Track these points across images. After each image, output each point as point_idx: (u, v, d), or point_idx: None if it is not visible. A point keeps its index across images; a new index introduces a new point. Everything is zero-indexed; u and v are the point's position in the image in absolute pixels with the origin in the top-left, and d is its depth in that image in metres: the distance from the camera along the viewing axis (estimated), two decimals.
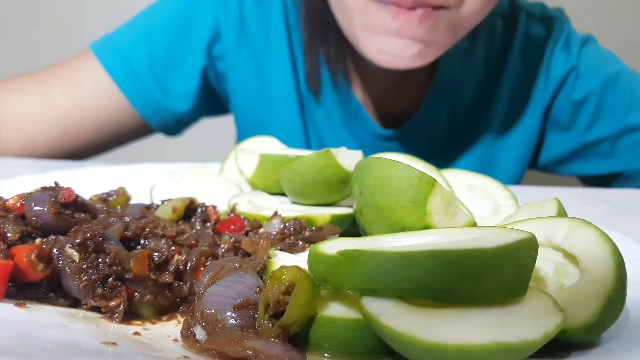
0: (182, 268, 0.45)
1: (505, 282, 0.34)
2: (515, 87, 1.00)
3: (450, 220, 0.44)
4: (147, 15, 1.03)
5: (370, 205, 0.45)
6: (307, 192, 0.56)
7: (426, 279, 0.34)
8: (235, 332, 0.36)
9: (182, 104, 1.02)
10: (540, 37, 1.00)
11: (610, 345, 0.37)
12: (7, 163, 0.84)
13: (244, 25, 1.00)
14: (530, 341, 0.31)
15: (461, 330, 0.32)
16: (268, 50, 1.01)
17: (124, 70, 0.98)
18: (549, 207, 0.49)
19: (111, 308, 0.41)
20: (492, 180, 0.62)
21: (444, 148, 1.02)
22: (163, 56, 0.99)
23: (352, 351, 0.37)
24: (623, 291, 0.37)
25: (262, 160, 0.61)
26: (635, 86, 0.98)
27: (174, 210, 0.54)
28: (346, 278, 0.36)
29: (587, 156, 1.02)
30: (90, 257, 0.41)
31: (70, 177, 0.67)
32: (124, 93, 0.98)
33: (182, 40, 1.00)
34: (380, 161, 0.45)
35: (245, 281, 0.40)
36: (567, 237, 0.41)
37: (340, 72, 0.96)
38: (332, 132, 1.02)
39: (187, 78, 1.01)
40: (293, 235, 0.49)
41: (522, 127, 1.01)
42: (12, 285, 0.40)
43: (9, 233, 0.43)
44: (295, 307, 0.36)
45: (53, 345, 0.33)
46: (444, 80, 0.99)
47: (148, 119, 1.01)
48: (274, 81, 1.01)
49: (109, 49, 0.99)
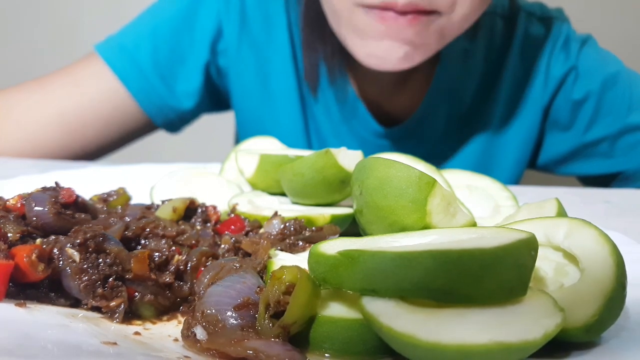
0: (182, 268, 0.45)
1: (505, 281, 0.34)
2: (514, 86, 1.00)
3: (450, 220, 0.44)
4: (150, 13, 1.03)
5: (370, 205, 0.45)
6: (307, 192, 0.56)
7: (426, 278, 0.34)
8: (235, 332, 0.36)
9: (186, 100, 1.02)
10: (539, 36, 1.00)
11: (609, 345, 0.37)
12: (7, 163, 0.84)
13: (245, 20, 1.00)
14: (530, 341, 0.31)
15: (461, 329, 0.32)
16: (269, 45, 1.01)
17: (129, 68, 0.98)
18: (548, 206, 0.49)
19: (111, 308, 0.41)
20: (492, 180, 0.62)
21: (443, 146, 1.02)
22: (167, 54, 1.00)
23: (352, 351, 0.37)
24: (623, 291, 0.37)
25: (262, 160, 0.61)
26: (634, 86, 0.98)
27: (174, 210, 0.54)
28: (346, 278, 0.36)
29: (586, 156, 1.02)
30: (90, 257, 0.41)
31: (70, 177, 0.67)
32: (130, 91, 0.99)
33: (185, 37, 1.00)
34: (380, 161, 0.45)
35: (246, 281, 0.40)
36: (567, 237, 0.41)
37: (337, 68, 0.96)
38: (331, 128, 1.02)
39: (191, 75, 1.01)
40: (293, 235, 0.49)
41: (521, 127, 1.01)
42: (12, 285, 0.40)
43: (9, 233, 0.43)
44: (295, 306, 0.36)
45: (53, 345, 0.33)
46: (443, 79, 0.99)
47: (152, 116, 1.02)
48: (275, 77, 1.01)
49: (114, 49, 0.99)
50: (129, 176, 0.71)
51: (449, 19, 0.77)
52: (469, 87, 1.01)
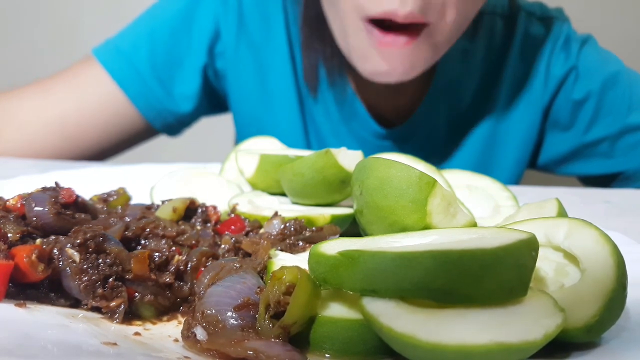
0: (182, 268, 0.45)
1: (505, 282, 0.34)
2: (515, 86, 1.00)
3: (450, 220, 0.44)
4: (148, 16, 1.03)
5: (370, 205, 0.45)
6: (307, 192, 0.56)
7: (426, 279, 0.34)
8: (235, 332, 0.36)
9: (184, 104, 1.02)
10: (539, 36, 1.00)
11: (610, 345, 0.37)
12: (7, 163, 0.84)
13: (242, 22, 1.00)
14: (530, 341, 0.31)
15: (461, 330, 0.32)
16: (267, 46, 1.01)
17: (126, 72, 0.98)
18: (548, 207, 0.49)
19: (111, 308, 0.41)
20: (492, 180, 0.62)
21: (443, 147, 1.02)
22: (165, 57, 1.00)
23: (352, 351, 0.37)
24: (623, 291, 0.37)
25: (262, 160, 0.61)
26: (634, 86, 0.98)
27: (174, 210, 0.54)
28: (346, 278, 0.36)
29: (587, 156, 1.02)
30: (90, 257, 0.41)
31: (70, 177, 0.67)
32: (128, 95, 0.98)
33: (182, 40, 1.00)
34: (380, 161, 0.45)
35: (246, 281, 0.40)
36: (567, 237, 0.41)
37: (336, 69, 0.96)
38: (331, 129, 1.02)
39: (188, 78, 1.01)
40: (293, 235, 0.49)
41: (521, 127, 1.01)
42: (12, 285, 0.40)
43: (9, 233, 0.43)
44: (296, 307, 0.36)
45: (53, 345, 0.33)
46: (443, 79, 0.99)
47: (151, 120, 1.01)
48: (273, 78, 1.01)
49: (111, 52, 0.99)
50: (129, 176, 0.71)
51: (437, 28, 0.78)
52: (469, 87, 1.01)
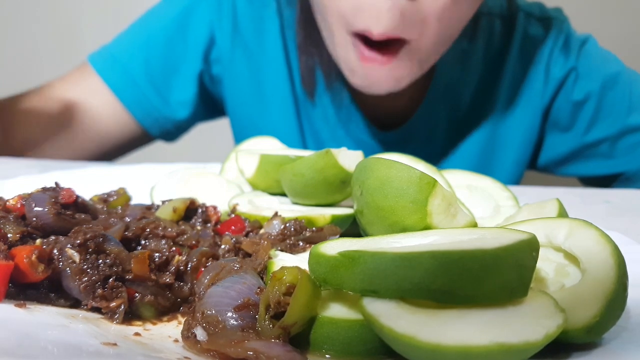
0: (182, 268, 0.45)
1: (506, 282, 0.34)
2: (514, 87, 1.00)
3: (451, 220, 0.44)
4: (143, 23, 1.03)
5: (370, 206, 0.45)
6: (308, 192, 0.56)
7: (427, 279, 0.34)
8: (235, 333, 0.36)
9: (181, 110, 1.02)
10: (538, 37, 1.00)
11: (611, 345, 0.37)
12: (7, 163, 0.84)
13: (237, 27, 1.00)
14: (531, 342, 0.31)
15: (462, 330, 0.32)
16: (262, 51, 1.01)
17: (122, 80, 0.98)
18: (549, 207, 0.49)
19: (111, 308, 0.41)
20: (492, 181, 0.62)
21: (443, 148, 1.02)
22: (160, 64, 1.00)
23: (353, 351, 0.37)
24: (624, 291, 0.37)
25: (262, 161, 0.61)
26: (634, 86, 0.98)
27: (174, 211, 0.54)
28: (346, 278, 0.36)
29: (587, 157, 1.02)
30: (90, 257, 0.41)
31: (70, 177, 0.67)
32: (124, 103, 0.99)
33: (178, 47, 1.00)
34: (380, 161, 0.45)
35: (246, 281, 0.40)
36: (568, 238, 0.41)
37: (333, 73, 0.96)
38: (329, 132, 1.02)
39: (184, 85, 1.01)
40: (293, 235, 0.49)
41: (521, 128, 1.01)
42: (12, 286, 0.40)
43: (9, 233, 0.43)
44: (296, 307, 0.36)
45: (53, 345, 0.33)
46: (442, 81, 0.99)
47: (148, 127, 1.02)
48: (269, 82, 1.01)
49: (107, 60, 0.99)
50: (129, 176, 0.71)
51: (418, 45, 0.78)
52: (468, 89, 1.00)
